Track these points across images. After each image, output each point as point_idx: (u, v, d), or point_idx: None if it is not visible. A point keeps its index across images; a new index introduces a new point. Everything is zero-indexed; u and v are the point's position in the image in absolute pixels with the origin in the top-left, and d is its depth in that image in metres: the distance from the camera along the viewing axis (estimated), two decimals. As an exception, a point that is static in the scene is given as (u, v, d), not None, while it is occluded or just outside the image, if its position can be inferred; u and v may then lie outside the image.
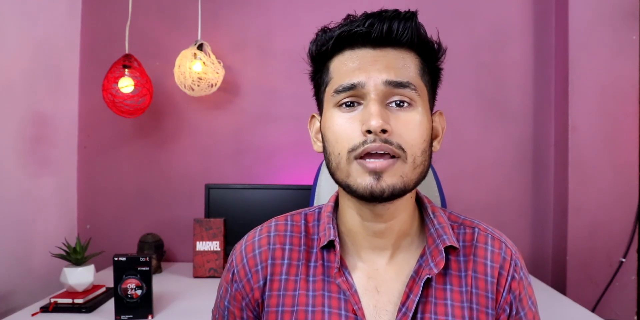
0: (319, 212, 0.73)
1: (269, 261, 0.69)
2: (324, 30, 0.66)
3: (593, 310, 1.76)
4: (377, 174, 0.59)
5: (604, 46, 1.79)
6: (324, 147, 0.66)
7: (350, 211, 0.67)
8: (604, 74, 1.79)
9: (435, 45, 0.65)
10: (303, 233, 0.71)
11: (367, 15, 0.62)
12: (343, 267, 0.67)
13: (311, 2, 1.96)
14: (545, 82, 1.94)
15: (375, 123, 0.58)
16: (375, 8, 0.68)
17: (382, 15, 0.62)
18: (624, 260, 1.78)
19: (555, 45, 1.91)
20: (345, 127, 0.61)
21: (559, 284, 1.84)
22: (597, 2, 1.79)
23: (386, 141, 0.59)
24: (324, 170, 1.07)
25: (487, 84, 1.95)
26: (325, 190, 1.04)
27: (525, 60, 1.95)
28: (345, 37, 0.63)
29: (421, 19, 0.64)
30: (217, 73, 1.82)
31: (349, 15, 0.65)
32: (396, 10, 0.62)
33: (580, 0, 1.80)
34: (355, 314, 0.64)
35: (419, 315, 0.64)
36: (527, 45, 1.95)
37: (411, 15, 0.62)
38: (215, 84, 1.82)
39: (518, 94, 1.95)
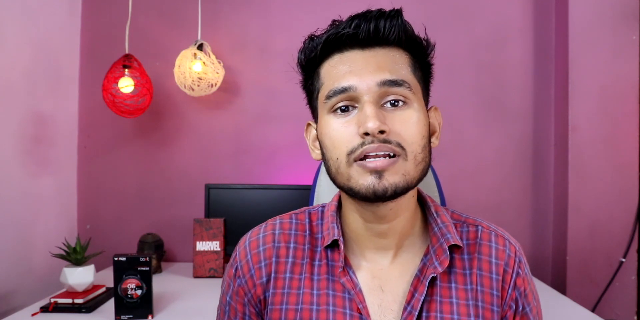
0: (323, 211, 0.73)
1: (273, 259, 0.69)
2: (311, 37, 0.66)
3: (593, 310, 1.76)
4: (379, 173, 0.59)
5: (604, 46, 1.79)
6: (322, 153, 0.65)
7: (353, 213, 0.67)
8: (604, 74, 1.79)
9: (424, 42, 0.65)
10: (307, 232, 0.71)
11: (352, 17, 0.62)
12: (347, 266, 0.67)
13: (311, 2, 1.96)
14: (545, 82, 1.94)
15: (372, 124, 0.57)
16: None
17: (367, 16, 0.61)
18: (624, 260, 1.78)
19: (555, 45, 1.91)
20: (341, 132, 0.61)
21: (559, 284, 1.84)
22: (597, 2, 1.79)
23: (385, 141, 0.58)
24: (324, 171, 1.07)
25: (487, 83, 1.95)
26: (325, 190, 1.04)
27: (525, 60, 1.95)
28: (332, 40, 0.62)
29: (421, 18, 0.64)
30: (217, 73, 1.82)
31: (334, 21, 0.65)
32: (380, 10, 0.62)
33: (580, 0, 1.80)
34: (360, 313, 0.64)
35: (424, 314, 0.64)
36: (527, 45, 1.95)
37: (396, 13, 0.62)
38: (215, 84, 1.82)
39: (518, 94, 1.95)
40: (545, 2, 1.93)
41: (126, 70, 1.71)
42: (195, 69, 1.78)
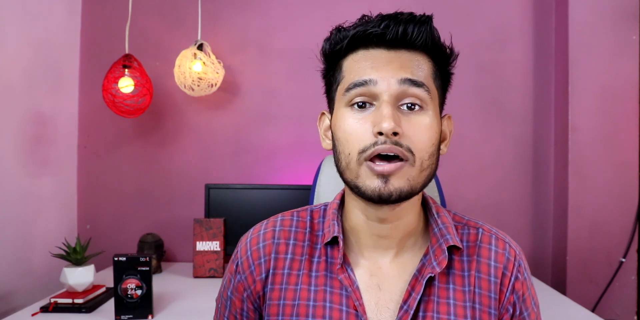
0: (325, 209, 0.74)
1: (272, 255, 0.69)
2: (339, 29, 0.66)
3: (593, 310, 1.76)
4: (385, 177, 0.60)
5: (604, 46, 1.79)
6: (334, 145, 0.66)
7: (356, 211, 0.68)
8: (604, 74, 1.79)
9: (448, 50, 0.66)
10: (308, 229, 0.72)
11: (382, 17, 0.63)
12: (346, 264, 0.67)
13: (311, 2, 1.96)
14: (545, 82, 1.94)
15: (387, 125, 0.58)
16: (375, 8, 0.68)
17: (397, 18, 0.62)
18: (624, 260, 1.78)
19: (555, 45, 1.92)
20: (356, 128, 0.62)
21: (559, 284, 1.84)
22: (597, 2, 1.79)
23: (396, 143, 0.59)
24: (324, 170, 1.07)
25: (487, 84, 1.95)
26: (325, 190, 1.04)
27: (525, 60, 1.95)
28: (360, 37, 0.63)
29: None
30: (217, 73, 1.82)
31: (364, 16, 0.65)
32: (411, 13, 0.62)
33: (580, 0, 1.80)
34: (356, 310, 0.64)
35: (420, 314, 0.64)
36: (527, 45, 1.95)
37: (426, 19, 0.63)
38: (215, 84, 1.82)
39: (518, 94, 1.95)
40: (545, 2, 1.93)
41: (126, 70, 1.71)
42: (195, 69, 1.78)
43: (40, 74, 1.73)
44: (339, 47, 0.65)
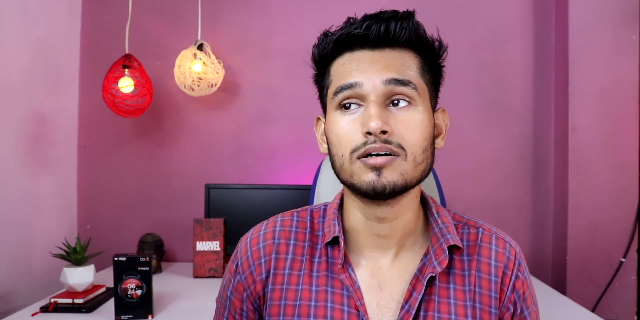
0: (325, 209, 0.74)
1: (273, 255, 0.70)
2: (326, 34, 0.67)
3: (593, 310, 1.76)
4: (378, 169, 0.60)
5: (604, 46, 1.79)
6: (329, 149, 0.67)
7: (354, 210, 0.68)
8: (604, 74, 1.79)
9: (436, 43, 0.66)
10: (308, 229, 0.72)
11: (364, 17, 0.63)
12: (347, 264, 0.68)
13: (311, 2, 1.97)
14: (545, 82, 1.94)
15: (374, 125, 0.58)
16: (375, 8, 0.68)
17: (379, 17, 0.62)
18: (624, 260, 1.78)
19: (555, 45, 1.92)
20: (346, 129, 0.62)
21: (559, 284, 1.84)
22: (597, 2, 1.79)
23: (386, 141, 0.60)
24: (324, 170, 1.07)
25: (487, 84, 1.95)
26: (325, 190, 1.04)
27: (525, 60, 1.95)
28: (343, 40, 0.64)
29: (421, 19, 0.64)
30: (217, 73, 1.82)
31: (349, 19, 0.66)
32: (394, 11, 0.63)
33: (580, 0, 1.80)
34: (358, 310, 0.64)
35: (421, 313, 0.64)
36: (527, 45, 1.95)
37: (408, 15, 0.63)
38: (215, 84, 1.82)
39: (518, 94, 1.95)
40: (545, 2, 1.93)
41: (126, 70, 1.72)
42: (195, 69, 1.78)
43: (40, 74, 1.73)
44: (325, 51, 0.66)
